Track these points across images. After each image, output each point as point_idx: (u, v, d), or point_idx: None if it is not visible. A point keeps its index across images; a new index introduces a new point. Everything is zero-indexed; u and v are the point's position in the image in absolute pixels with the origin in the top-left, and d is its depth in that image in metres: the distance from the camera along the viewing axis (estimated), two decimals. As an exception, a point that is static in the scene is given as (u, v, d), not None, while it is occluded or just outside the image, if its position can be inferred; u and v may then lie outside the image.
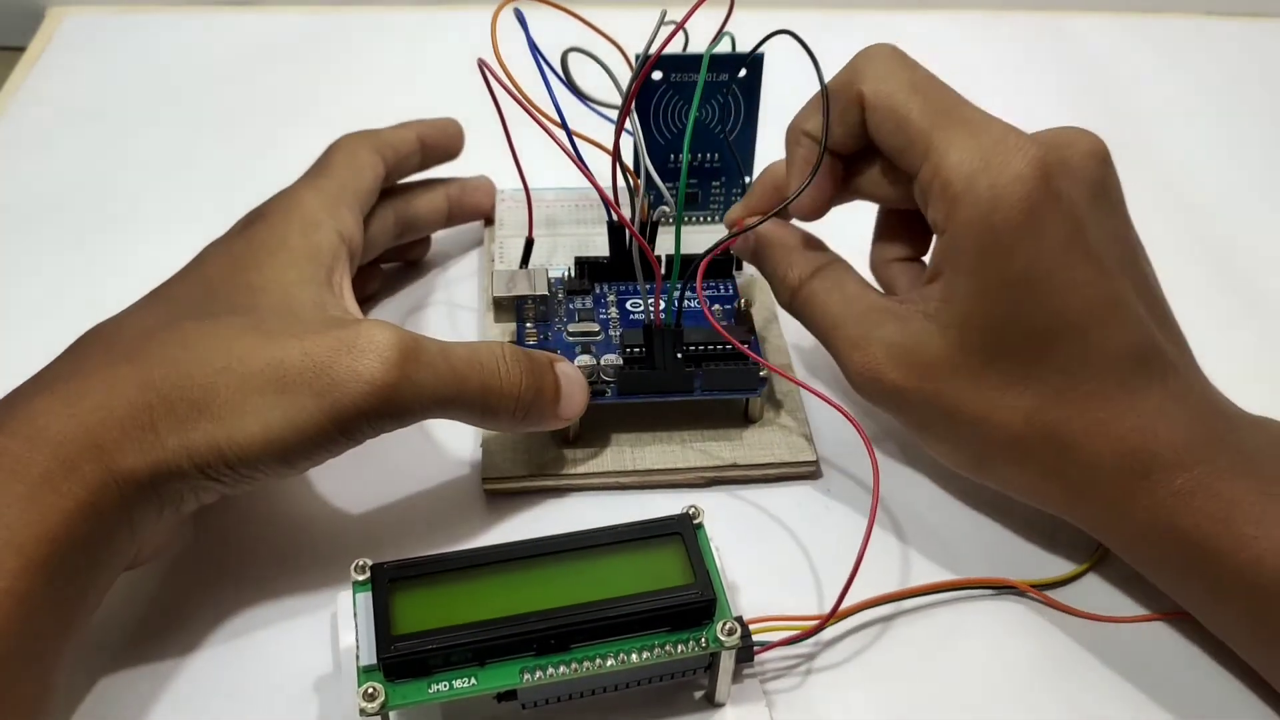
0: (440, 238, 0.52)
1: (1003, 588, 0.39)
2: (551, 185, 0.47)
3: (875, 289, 0.40)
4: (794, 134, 0.40)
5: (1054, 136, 0.37)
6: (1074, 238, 0.35)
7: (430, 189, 0.49)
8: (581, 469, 0.42)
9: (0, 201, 0.54)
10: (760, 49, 0.43)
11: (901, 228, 0.42)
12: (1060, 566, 0.40)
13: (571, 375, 0.40)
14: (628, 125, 0.41)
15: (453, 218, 0.51)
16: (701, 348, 0.42)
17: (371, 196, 0.44)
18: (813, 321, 0.40)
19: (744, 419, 0.43)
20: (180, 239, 0.42)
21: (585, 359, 0.42)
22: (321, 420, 0.33)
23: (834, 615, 0.36)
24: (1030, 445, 0.36)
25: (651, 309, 0.42)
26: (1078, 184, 0.36)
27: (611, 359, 0.42)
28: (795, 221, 0.42)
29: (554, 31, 0.41)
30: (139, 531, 0.33)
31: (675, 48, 0.42)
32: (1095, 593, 0.39)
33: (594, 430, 0.43)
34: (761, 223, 0.40)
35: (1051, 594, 0.39)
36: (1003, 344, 0.36)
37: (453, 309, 0.49)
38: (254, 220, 0.40)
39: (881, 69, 0.37)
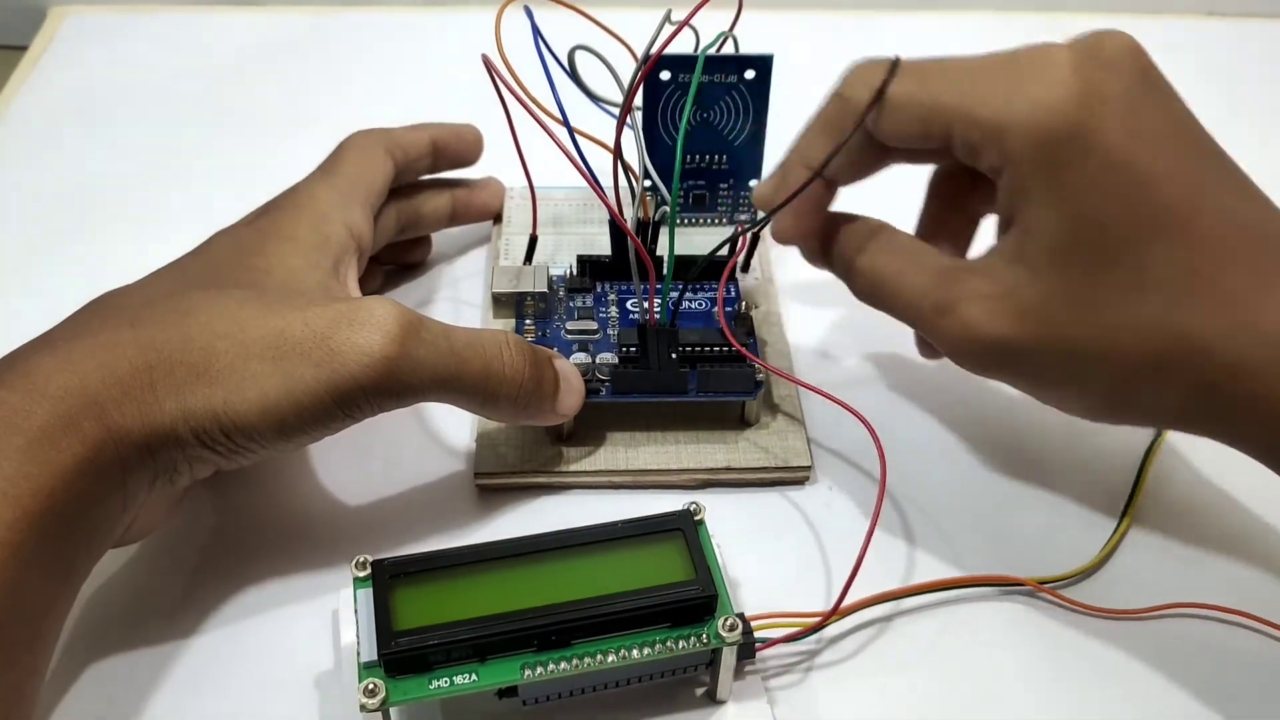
0: (449, 235, 0.52)
1: (1008, 585, 0.39)
2: (560, 184, 0.47)
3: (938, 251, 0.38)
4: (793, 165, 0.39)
5: (1077, 41, 0.35)
6: (1138, 125, 0.33)
7: (436, 189, 0.49)
8: (575, 467, 0.42)
9: (2, 201, 0.54)
10: (770, 48, 0.43)
11: (943, 223, 0.41)
12: (1066, 563, 0.40)
13: (569, 373, 0.40)
14: (629, 123, 0.41)
15: (457, 218, 0.50)
16: (697, 349, 0.42)
17: (381, 196, 0.44)
18: (886, 297, 0.38)
19: (741, 421, 0.43)
20: (182, 238, 0.42)
21: (581, 357, 0.42)
22: (319, 392, 0.33)
23: (836, 612, 0.36)
24: (1168, 360, 0.33)
25: (647, 309, 0.42)
26: (1121, 76, 0.34)
27: (608, 358, 0.42)
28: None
29: (560, 30, 0.42)
30: (132, 499, 0.33)
31: (686, 48, 0.42)
32: (1102, 588, 0.39)
33: (589, 429, 0.43)
34: (776, 210, 0.38)
35: (1059, 590, 0.39)
36: (1104, 254, 0.33)
37: (458, 305, 0.50)
38: (264, 212, 0.41)
39: (870, 75, 0.36)
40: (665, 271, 0.42)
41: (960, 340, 0.35)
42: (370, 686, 0.31)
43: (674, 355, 0.42)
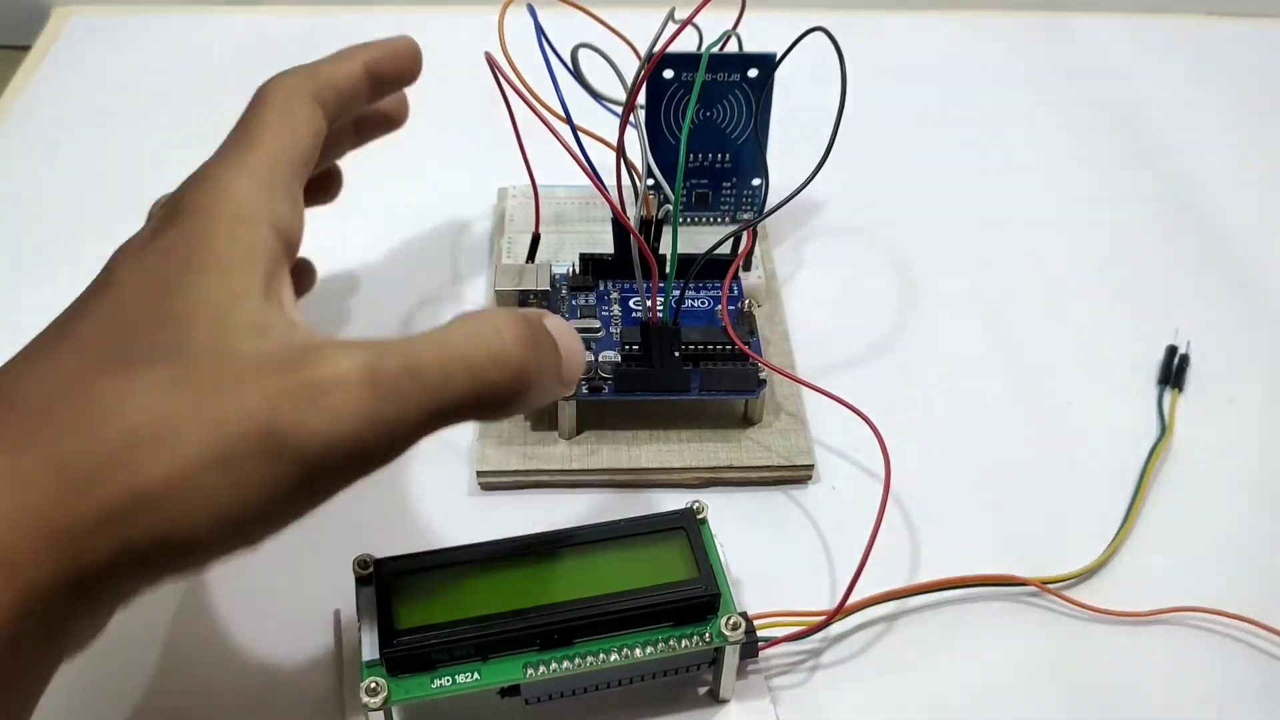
0: (450, 235, 0.52)
1: (1013, 584, 0.39)
2: (563, 182, 0.47)
3: None
4: None
5: None
6: None
7: (342, 62, 0.40)
8: (578, 465, 0.42)
9: (4, 200, 0.54)
10: (772, 47, 0.43)
11: None
12: (1070, 563, 0.40)
13: (563, 333, 0.32)
14: (632, 121, 0.41)
15: (365, 127, 0.42)
16: (699, 347, 0.42)
17: (310, 162, 0.36)
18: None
19: (744, 420, 0.43)
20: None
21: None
22: (280, 493, 0.27)
23: (840, 611, 0.36)
24: None
25: (649, 307, 0.42)
26: None
27: (610, 356, 0.42)
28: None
29: (563, 29, 0.42)
30: (70, 641, 0.27)
31: (689, 46, 0.42)
32: (1106, 589, 0.39)
33: (591, 427, 0.43)
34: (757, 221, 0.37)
35: (1063, 591, 0.39)
36: None
37: (460, 304, 0.49)
38: (171, 219, 0.32)
39: None
40: (668, 270, 0.42)
41: None
42: (372, 685, 0.31)
43: (676, 354, 0.42)
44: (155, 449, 0.26)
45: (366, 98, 0.39)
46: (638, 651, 0.32)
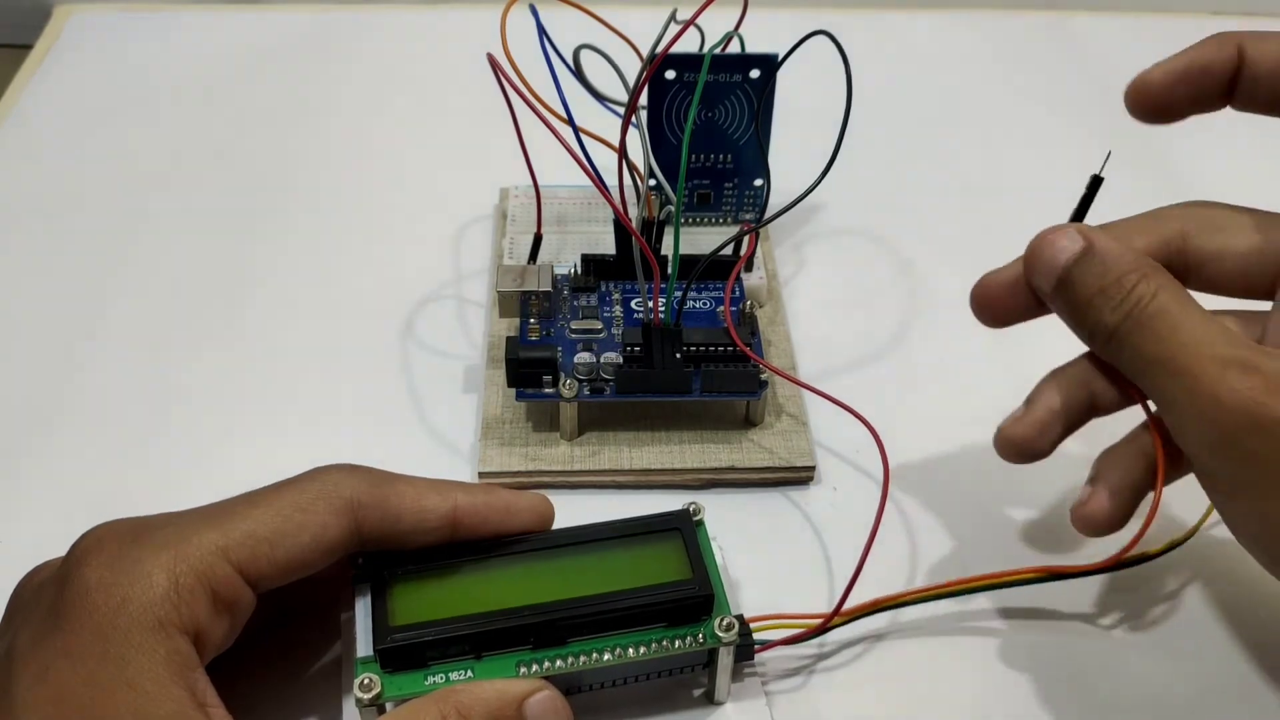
0: (450, 233, 0.52)
1: (1015, 581, 0.37)
2: (565, 183, 0.47)
3: None
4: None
5: None
6: None
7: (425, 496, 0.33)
8: (579, 466, 0.42)
9: (6, 199, 0.54)
10: (774, 48, 0.43)
11: None
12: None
13: (546, 715, 0.30)
14: (634, 122, 0.41)
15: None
16: (701, 348, 0.42)
17: (285, 569, 0.30)
18: (1161, 342, 0.31)
19: (745, 421, 0.43)
20: (186, 237, 0.42)
21: (585, 356, 0.42)
22: None
23: (837, 614, 0.36)
24: None
25: (651, 308, 0.42)
26: None
27: (612, 357, 0.42)
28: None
29: (565, 29, 0.41)
30: None
31: (691, 47, 0.42)
32: (1106, 592, 0.39)
33: (593, 428, 0.43)
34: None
35: (1060, 594, 0.39)
36: None
37: (462, 304, 0.49)
38: (72, 605, 0.28)
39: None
40: (670, 271, 0.42)
41: (1239, 401, 0.29)
42: (365, 681, 0.31)
43: (678, 355, 0.42)
44: None
45: (438, 538, 0.33)
46: (631, 651, 0.32)
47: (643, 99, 0.43)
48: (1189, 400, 0.30)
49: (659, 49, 0.41)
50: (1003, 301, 0.36)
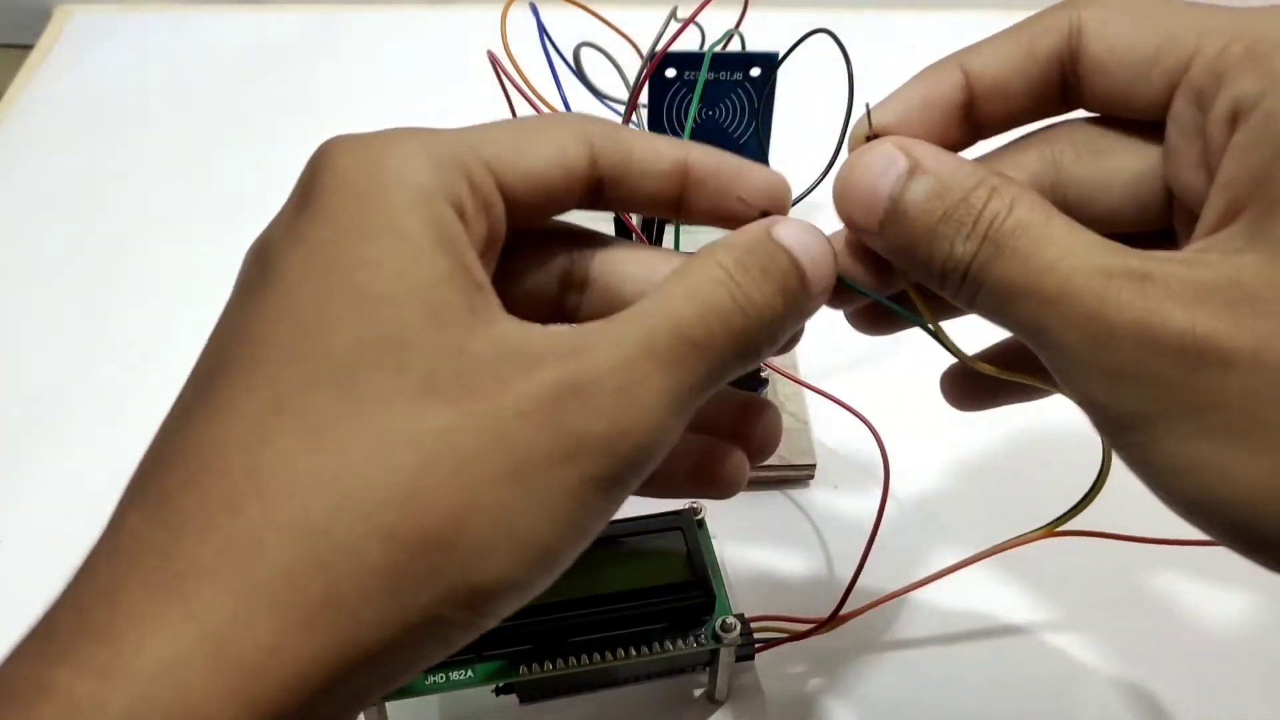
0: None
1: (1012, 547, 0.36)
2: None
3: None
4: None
5: None
6: None
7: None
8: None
9: (7, 199, 0.54)
10: (774, 46, 0.43)
11: None
12: (1066, 568, 0.39)
13: (799, 236, 0.27)
14: (634, 120, 0.41)
15: None
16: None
17: (528, 179, 0.26)
18: (1026, 264, 0.24)
19: (747, 419, 0.43)
20: (187, 237, 0.41)
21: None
22: (588, 503, 0.23)
23: (837, 614, 0.36)
24: None
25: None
26: None
27: (614, 356, 0.42)
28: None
29: (565, 27, 0.41)
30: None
31: (691, 45, 0.42)
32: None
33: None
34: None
35: (1060, 600, 0.39)
36: None
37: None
38: (316, 184, 0.25)
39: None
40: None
41: (1133, 323, 0.23)
42: (366, 683, 0.31)
43: (677, 354, 0.42)
44: (431, 475, 0.21)
45: (668, 200, 0.28)
46: (632, 652, 0.32)
47: (643, 97, 0.43)
48: (1069, 330, 0.24)
49: (659, 47, 0.41)
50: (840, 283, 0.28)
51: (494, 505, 0.21)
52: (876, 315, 0.31)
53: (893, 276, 0.29)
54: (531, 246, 0.28)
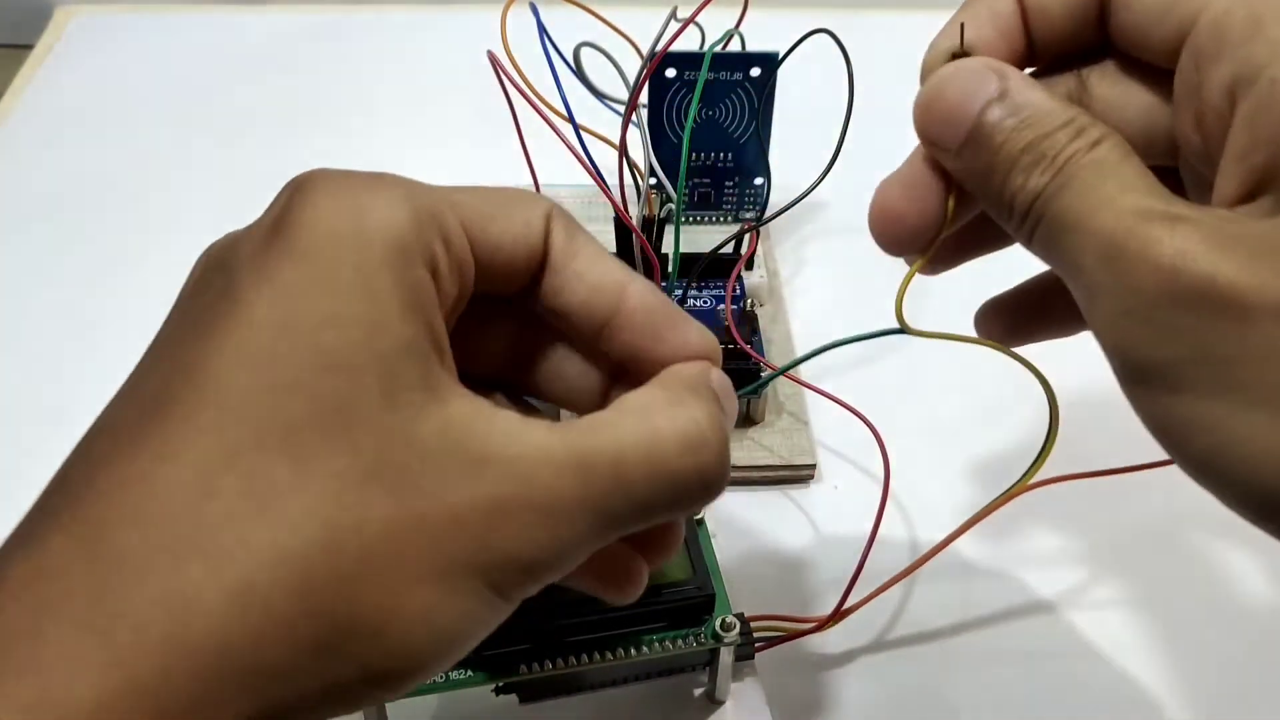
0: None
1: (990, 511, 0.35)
2: (566, 181, 0.47)
3: None
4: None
5: None
6: None
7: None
8: (583, 465, 0.42)
9: (7, 199, 0.54)
10: (774, 46, 0.43)
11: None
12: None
13: (726, 386, 0.27)
14: (634, 120, 0.41)
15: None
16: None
17: (495, 247, 0.26)
18: (1083, 199, 0.24)
19: (746, 419, 0.43)
20: (187, 237, 0.41)
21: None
22: (496, 610, 0.23)
23: (838, 614, 0.36)
24: None
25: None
26: None
27: (614, 356, 0.42)
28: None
29: (565, 27, 0.41)
30: None
31: (691, 45, 0.42)
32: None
33: (596, 427, 0.43)
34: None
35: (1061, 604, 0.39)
36: None
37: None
38: (291, 214, 0.24)
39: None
40: (670, 269, 0.41)
41: (1165, 267, 0.22)
42: (365, 682, 0.31)
43: (677, 354, 0.42)
44: (369, 565, 0.21)
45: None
46: (631, 651, 0.32)
47: (643, 97, 0.43)
48: (1100, 267, 0.23)
49: (659, 47, 0.41)
50: (902, 212, 0.28)
51: (421, 602, 0.22)
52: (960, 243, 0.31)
53: (943, 206, 0.28)
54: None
